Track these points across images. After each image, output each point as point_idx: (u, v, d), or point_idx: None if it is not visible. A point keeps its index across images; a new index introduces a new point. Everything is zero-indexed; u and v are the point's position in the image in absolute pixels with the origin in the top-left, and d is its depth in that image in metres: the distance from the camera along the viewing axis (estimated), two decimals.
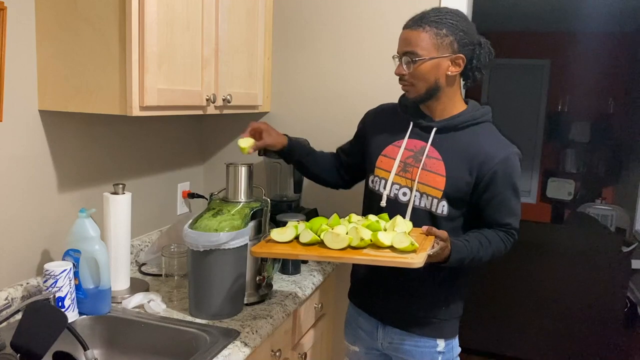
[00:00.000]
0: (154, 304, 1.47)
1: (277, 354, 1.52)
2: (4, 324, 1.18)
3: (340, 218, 1.38)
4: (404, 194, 1.46)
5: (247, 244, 1.45)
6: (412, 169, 1.45)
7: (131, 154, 1.84)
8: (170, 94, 1.45)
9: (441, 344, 1.51)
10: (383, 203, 1.47)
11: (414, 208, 1.44)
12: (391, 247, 1.24)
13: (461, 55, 1.37)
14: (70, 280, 1.36)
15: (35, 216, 1.48)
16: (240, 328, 1.38)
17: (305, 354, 1.78)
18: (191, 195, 2.16)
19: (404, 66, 1.38)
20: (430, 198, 1.43)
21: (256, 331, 1.38)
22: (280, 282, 1.74)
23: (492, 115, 1.51)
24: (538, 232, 3.46)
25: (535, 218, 5.54)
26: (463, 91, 1.54)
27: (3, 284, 1.39)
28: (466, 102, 1.49)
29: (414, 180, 1.44)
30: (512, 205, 1.45)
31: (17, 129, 1.40)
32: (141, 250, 1.88)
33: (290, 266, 1.82)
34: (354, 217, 1.39)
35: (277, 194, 2.07)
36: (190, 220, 1.44)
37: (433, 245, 1.27)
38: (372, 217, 1.37)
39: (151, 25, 1.35)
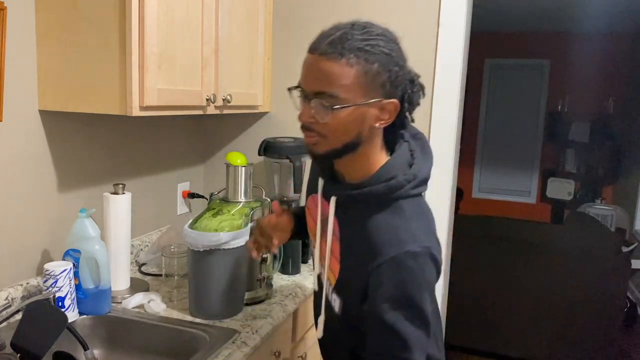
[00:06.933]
0: (154, 304, 1.47)
1: (277, 354, 1.52)
2: (4, 324, 1.18)
3: None
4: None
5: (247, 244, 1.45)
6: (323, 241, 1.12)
7: (131, 154, 1.84)
8: (170, 94, 1.45)
9: None
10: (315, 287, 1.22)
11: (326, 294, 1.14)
12: None
13: (394, 100, 0.97)
14: (70, 280, 1.36)
15: (35, 216, 1.48)
16: (240, 328, 1.38)
17: (305, 354, 1.78)
18: (191, 195, 2.16)
19: (314, 111, 0.96)
20: (328, 283, 1.11)
21: (256, 331, 1.38)
22: (280, 282, 1.74)
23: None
24: (538, 232, 3.47)
25: (535, 218, 5.55)
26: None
27: (3, 284, 1.39)
28: (393, 152, 1.05)
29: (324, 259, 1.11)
30: (395, 331, 0.95)
31: (17, 129, 1.40)
32: (141, 250, 1.88)
33: (290, 266, 1.82)
34: None
35: (277, 194, 2.07)
36: (190, 220, 1.44)
37: None
38: None
39: (151, 25, 1.35)
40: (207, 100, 1.62)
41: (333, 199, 1.06)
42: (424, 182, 1.03)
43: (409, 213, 1.00)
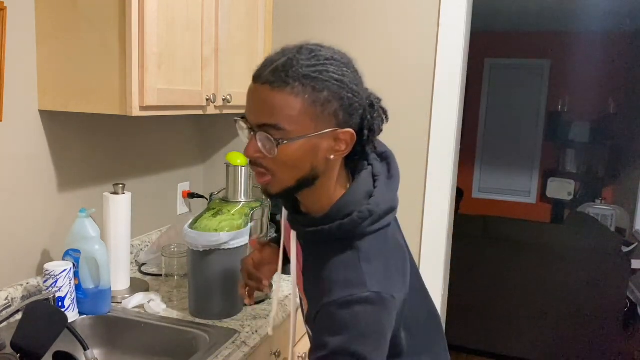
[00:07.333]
0: (154, 304, 1.47)
1: (277, 354, 1.52)
2: (4, 324, 1.18)
3: None
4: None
5: (247, 244, 1.45)
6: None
7: (131, 154, 1.84)
8: (170, 94, 1.45)
9: None
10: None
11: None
12: None
13: (350, 130, 0.89)
14: (70, 280, 1.36)
15: (35, 216, 1.48)
16: (240, 328, 1.38)
17: (305, 354, 1.78)
18: (191, 195, 2.16)
19: (260, 145, 0.86)
20: (304, 312, 1.05)
21: (256, 331, 1.38)
22: (280, 282, 1.74)
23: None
24: (538, 232, 3.46)
25: (535, 218, 5.55)
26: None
27: (3, 284, 1.39)
28: (353, 179, 0.96)
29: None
30: None
31: (17, 129, 1.40)
32: (141, 250, 1.88)
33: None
34: None
35: None
36: (190, 220, 1.44)
37: None
38: None
39: (151, 25, 1.35)
40: (207, 100, 1.62)
41: (294, 233, 1.00)
42: (386, 214, 0.93)
43: (365, 254, 0.90)
